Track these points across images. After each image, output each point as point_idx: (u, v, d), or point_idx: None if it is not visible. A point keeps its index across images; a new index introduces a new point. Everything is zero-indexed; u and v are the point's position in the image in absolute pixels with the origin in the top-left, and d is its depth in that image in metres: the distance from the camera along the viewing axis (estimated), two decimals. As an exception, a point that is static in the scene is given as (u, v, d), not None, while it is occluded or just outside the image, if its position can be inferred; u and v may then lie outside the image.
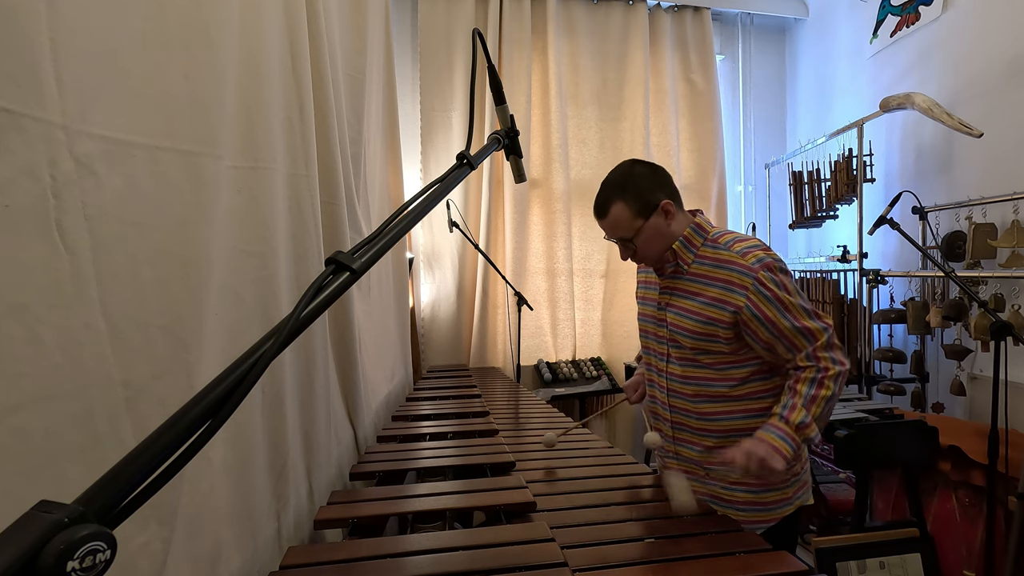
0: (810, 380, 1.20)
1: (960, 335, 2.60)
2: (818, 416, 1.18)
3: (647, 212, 1.27)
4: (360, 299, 1.91)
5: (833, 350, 1.23)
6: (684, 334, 1.29)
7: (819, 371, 1.20)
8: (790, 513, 1.30)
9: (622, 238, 1.30)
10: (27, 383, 0.55)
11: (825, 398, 1.19)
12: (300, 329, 0.51)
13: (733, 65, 4.03)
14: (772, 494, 1.28)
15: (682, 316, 1.29)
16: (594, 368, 3.46)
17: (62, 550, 0.31)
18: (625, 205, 1.27)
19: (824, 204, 3.27)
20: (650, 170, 1.32)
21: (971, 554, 2.12)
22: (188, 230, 0.81)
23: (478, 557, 0.98)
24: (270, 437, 1.12)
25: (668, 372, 1.35)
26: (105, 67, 0.66)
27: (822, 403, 1.18)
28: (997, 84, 2.54)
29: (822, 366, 1.21)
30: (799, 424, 1.16)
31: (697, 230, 1.31)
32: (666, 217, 1.28)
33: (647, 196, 1.27)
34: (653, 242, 1.29)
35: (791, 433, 1.16)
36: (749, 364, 1.27)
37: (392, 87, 2.62)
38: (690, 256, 1.30)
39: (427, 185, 0.73)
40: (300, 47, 1.29)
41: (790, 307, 1.21)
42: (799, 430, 1.16)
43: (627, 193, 1.27)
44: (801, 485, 1.32)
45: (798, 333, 1.21)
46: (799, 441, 1.16)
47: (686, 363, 1.31)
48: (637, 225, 1.27)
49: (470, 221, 3.45)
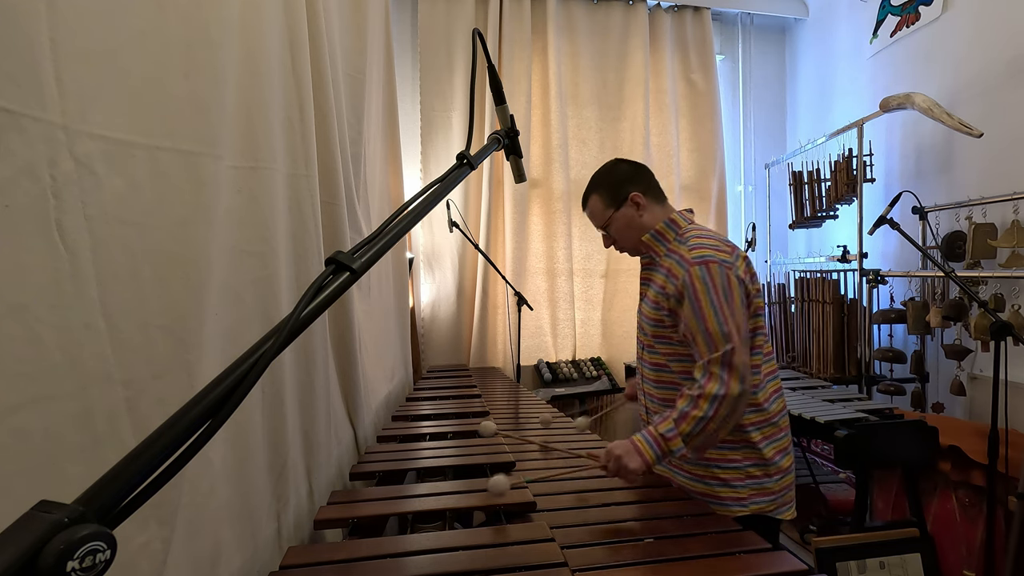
0: (689, 397, 1.20)
1: (960, 335, 2.60)
2: (687, 434, 1.18)
3: (617, 203, 1.39)
4: (360, 299, 1.91)
5: (727, 369, 1.19)
6: (646, 322, 1.38)
7: (699, 388, 1.20)
8: (743, 515, 1.27)
9: (599, 227, 1.44)
10: (27, 383, 0.55)
11: (696, 418, 1.17)
12: (300, 329, 0.51)
13: (733, 65, 4.03)
14: (724, 490, 1.31)
15: (647, 305, 1.38)
16: (594, 368, 3.46)
17: (62, 550, 0.31)
18: (599, 197, 1.41)
19: (824, 204, 3.27)
20: (630, 167, 1.44)
21: (971, 554, 2.13)
22: (188, 230, 0.81)
23: (478, 557, 0.98)
24: (270, 437, 1.12)
25: (642, 358, 1.45)
26: (105, 67, 0.66)
27: (692, 422, 1.17)
28: (997, 84, 2.54)
29: (703, 383, 1.20)
30: (663, 434, 1.18)
31: (671, 225, 1.38)
32: (637, 208, 1.38)
33: (618, 188, 1.39)
34: (626, 232, 1.41)
35: (657, 438, 1.19)
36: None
37: (392, 87, 2.62)
38: (662, 249, 1.38)
39: (427, 185, 0.73)
40: (300, 47, 1.29)
41: (703, 306, 1.22)
42: (663, 439, 1.18)
43: (601, 186, 1.42)
44: (761, 492, 1.29)
45: (702, 337, 1.22)
46: (663, 448, 1.18)
47: (650, 350, 1.40)
48: (608, 215, 1.40)
49: (470, 221, 3.45)
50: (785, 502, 1.32)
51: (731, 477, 1.30)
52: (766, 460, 1.30)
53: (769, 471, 1.30)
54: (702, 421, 1.17)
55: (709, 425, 1.18)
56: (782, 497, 1.32)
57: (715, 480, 1.31)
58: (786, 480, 1.33)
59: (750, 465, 1.29)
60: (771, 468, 1.30)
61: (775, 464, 1.31)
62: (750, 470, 1.29)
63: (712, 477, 1.31)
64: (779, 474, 1.31)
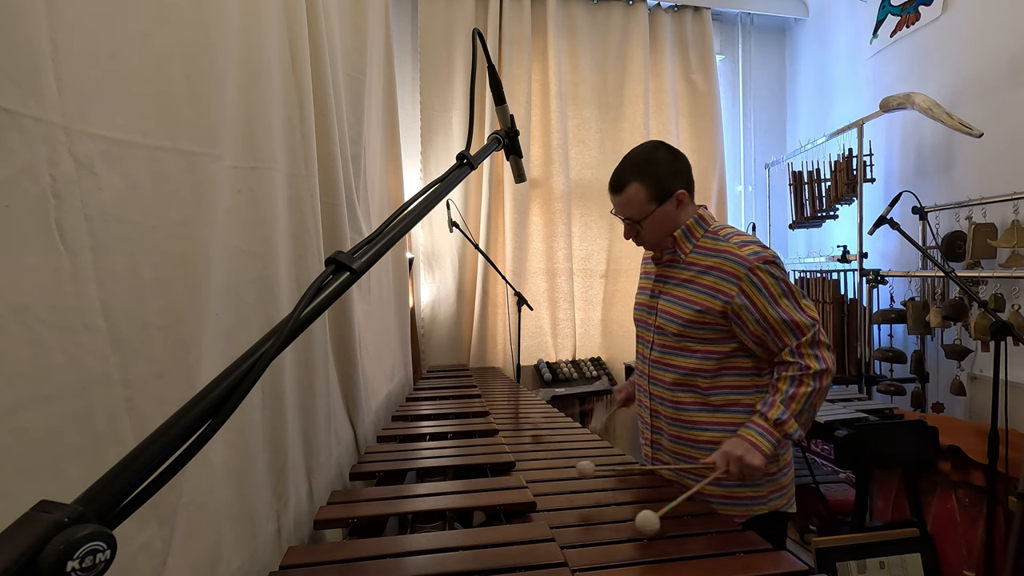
0: (790, 378, 1.22)
1: (960, 335, 2.60)
2: (798, 413, 1.20)
3: (662, 198, 1.30)
4: (360, 299, 1.91)
5: (818, 347, 1.23)
6: (673, 321, 1.31)
7: (800, 368, 1.22)
8: (762, 514, 1.30)
9: (631, 218, 1.33)
10: (27, 383, 0.55)
11: (805, 395, 1.20)
12: (300, 329, 0.51)
13: (733, 65, 4.03)
14: (744, 490, 1.30)
15: (674, 304, 1.32)
16: (594, 368, 3.46)
17: (62, 550, 0.31)
18: (642, 186, 1.29)
19: (824, 204, 3.27)
20: (671, 156, 1.33)
21: (971, 554, 2.12)
22: (188, 230, 0.81)
23: (478, 557, 0.98)
24: (270, 437, 1.12)
25: (650, 359, 1.39)
26: (105, 67, 0.66)
27: (802, 400, 1.20)
28: (997, 84, 2.54)
29: (804, 363, 1.22)
30: (776, 420, 1.19)
31: (699, 221, 1.34)
32: (678, 206, 1.31)
33: (665, 183, 1.30)
34: (659, 227, 1.32)
35: (769, 428, 1.19)
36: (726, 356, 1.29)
37: (392, 87, 2.62)
38: (688, 246, 1.33)
39: (427, 185, 0.73)
40: (300, 47, 1.29)
41: (779, 300, 1.23)
42: (777, 426, 1.19)
43: (646, 176, 1.29)
44: (777, 488, 1.32)
45: (785, 327, 1.23)
46: (778, 436, 1.18)
47: (667, 350, 1.34)
48: (650, 209, 1.30)
49: (470, 221, 3.45)
50: (792, 495, 1.36)
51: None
52: (778, 456, 1.31)
53: (781, 465, 1.33)
54: (810, 397, 1.20)
55: (815, 399, 1.21)
56: (790, 490, 1.35)
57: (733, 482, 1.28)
58: (791, 474, 1.36)
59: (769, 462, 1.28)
60: (781, 463, 1.33)
61: (783, 459, 1.33)
62: (768, 467, 1.29)
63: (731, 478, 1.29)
64: (787, 468, 1.35)
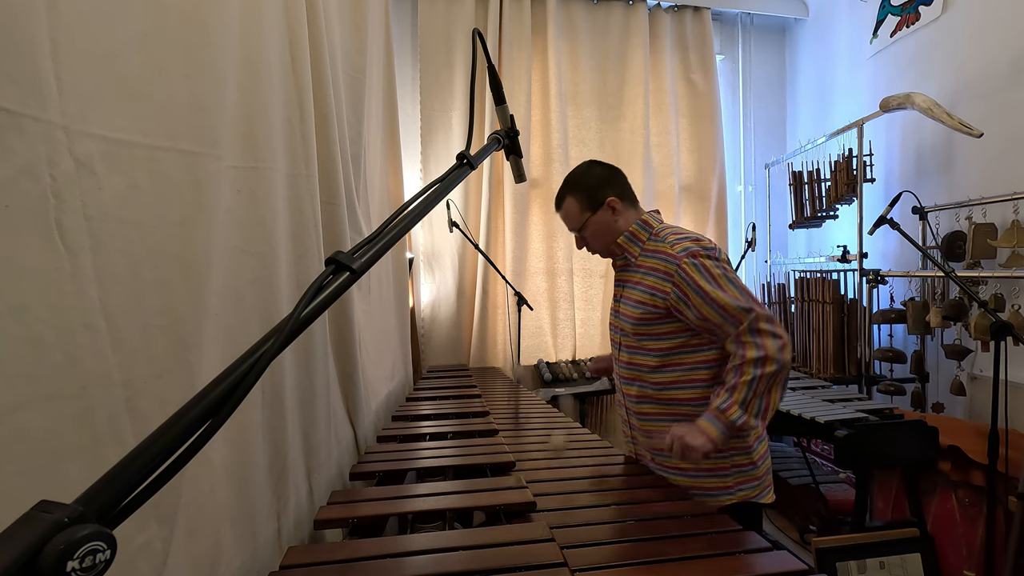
0: (733, 368, 1.26)
1: (960, 335, 2.60)
2: (742, 401, 1.23)
3: (595, 207, 1.41)
4: (360, 299, 1.91)
5: (757, 335, 1.25)
6: (628, 321, 1.40)
7: (740, 357, 1.25)
8: (732, 504, 1.33)
9: (573, 229, 1.46)
10: (27, 383, 0.55)
11: (746, 383, 1.23)
12: (300, 329, 0.51)
13: (733, 65, 4.03)
14: (711, 480, 1.34)
15: (629, 306, 1.40)
16: (594, 368, 3.46)
17: (62, 550, 0.31)
18: (574, 199, 1.43)
19: (824, 204, 3.27)
20: (604, 170, 1.46)
21: (971, 554, 2.12)
22: (188, 230, 0.81)
23: (478, 557, 0.98)
24: (270, 437, 1.12)
25: (619, 360, 1.47)
26: (105, 67, 0.66)
27: (743, 388, 1.23)
28: (997, 84, 2.53)
29: (742, 352, 1.25)
30: (719, 407, 1.23)
31: (643, 226, 1.42)
32: (612, 213, 1.41)
33: (595, 192, 1.41)
34: (600, 235, 1.43)
35: (716, 414, 1.24)
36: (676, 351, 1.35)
37: (392, 87, 2.62)
38: (636, 250, 1.41)
39: (427, 185, 0.73)
40: (300, 47, 1.29)
41: (709, 291, 1.27)
42: (721, 413, 1.23)
43: (578, 189, 1.43)
44: (747, 479, 1.35)
45: (721, 316, 1.27)
46: (725, 422, 1.22)
47: (630, 350, 1.42)
48: (584, 218, 1.42)
49: (470, 221, 3.45)
50: (766, 486, 1.38)
51: (717, 466, 1.34)
52: (749, 447, 1.34)
53: (753, 458, 1.35)
54: (752, 384, 1.23)
55: (759, 386, 1.23)
56: (764, 482, 1.37)
57: (701, 471, 1.34)
58: (766, 465, 1.39)
59: (736, 454, 1.34)
60: (754, 455, 1.35)
61: (756, 451, 1.36)
62: (736, 459, 1.34)
63: (698, 469, 1.34)
64: (760, 459, 1.37)
